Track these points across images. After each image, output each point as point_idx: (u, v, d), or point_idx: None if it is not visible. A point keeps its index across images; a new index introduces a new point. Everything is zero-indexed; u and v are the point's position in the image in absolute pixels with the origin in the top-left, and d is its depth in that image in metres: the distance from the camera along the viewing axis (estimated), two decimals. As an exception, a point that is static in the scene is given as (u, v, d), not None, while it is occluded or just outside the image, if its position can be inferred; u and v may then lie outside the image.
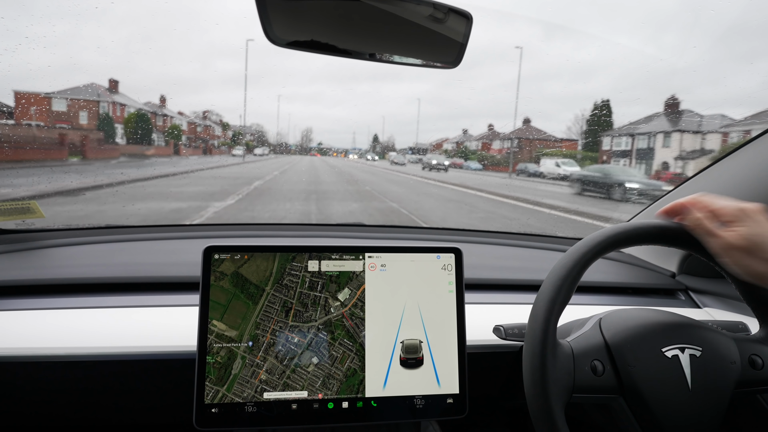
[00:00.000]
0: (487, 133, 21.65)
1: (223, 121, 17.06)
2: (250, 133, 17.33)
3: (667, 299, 1.28)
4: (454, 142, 22.68)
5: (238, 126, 17.41)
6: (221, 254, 0.84)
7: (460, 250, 0.91)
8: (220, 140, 16.69)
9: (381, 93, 62.24)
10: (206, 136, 16.32)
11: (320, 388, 0.84)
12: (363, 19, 0.66)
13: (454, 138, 23.08)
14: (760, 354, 0.76)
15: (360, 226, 1.54)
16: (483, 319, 0.99)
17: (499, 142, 20.80)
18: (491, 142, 21.16)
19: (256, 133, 17.34)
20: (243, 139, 17.11)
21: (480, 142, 21.62)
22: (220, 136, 17.29)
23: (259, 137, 17.68)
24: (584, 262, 0.72)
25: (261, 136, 17.85)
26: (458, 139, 22.51)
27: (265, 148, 17.72)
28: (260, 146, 17.75)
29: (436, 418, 0.88)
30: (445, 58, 0.74)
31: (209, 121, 16.56)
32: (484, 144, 21.44)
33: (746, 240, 0.69)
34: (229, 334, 0.82)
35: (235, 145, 16.99)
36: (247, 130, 17.30)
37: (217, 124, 16.77)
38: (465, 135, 22.36)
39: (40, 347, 0.86)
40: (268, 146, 18.13)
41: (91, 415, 1.01)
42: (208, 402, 0.80)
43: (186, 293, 1.04)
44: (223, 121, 17.06)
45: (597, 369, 0.73)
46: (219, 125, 16.89)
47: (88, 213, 5.25)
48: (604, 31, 38.41)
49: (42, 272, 1.08)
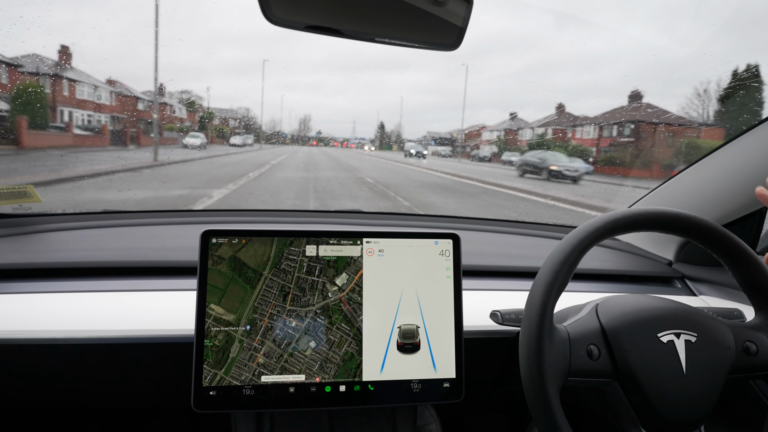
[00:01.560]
0: (552, 116, 14.26)
1: (190, 100, 12.52)
2: (235, 119, 13.55)
3: (663, 287, 1.29)
4: (498, 130, 16.11)
5: (221, 110, 13.16)
6: (219, 238, 0.84)
7: (458, 236, 0.91)
8: (177, 125, 12.33)
9: (385, 82, 61.16)
10: (149, 118, 10.74)
11: (318, 372, 0.84)
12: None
13: (495, 125, 16.36)
14: (755, 340, 0.76)
15: (358, 212, 1.54)
16: (480, 305, 1.00)
17: (583, 128, 13.14)
18: (566, 128, 14.08)
19: (242, 119, 13.40)
20: (211, 123, 12.85)
21: (543, 128, 14.63)
22: (184, 120, 12.77)
23: (245, 124, 13.98)
24: (582, 248, 0.72)
25: (248, 122, 14.16)
26: (505, 125, 15.79)
27: (249, 137, 14.01)
28: (242, 134, 13.83)
29: (433, 402, 0.89)
30: (445, 40, 0.73)
31: (170, 99, 11.93)
32: (557, 131, 14.46)
33: None
34: (226, 318, 0.83)
35: (189, 131, 11.90)
36: (228, 114, 13.39)
37: (181, 104, 12.37)
38: (514, 120, 15.44)
39: (38, 330, 0.86)
40: (254, 134, 14.41)
41: (90, 397, 1.01)
42: (206, 385, 0.81)
43: (184, 277, 1.04)
44: (190, 99, 12.56)
45: (593, 353, 0.73)
46: (183, 105, 12.42)
47: None
48: (617, 20, 37.62)
49: (39, 256, 1.08)
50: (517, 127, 15.33)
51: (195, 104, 12.87)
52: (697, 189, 1.27)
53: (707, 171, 1.24)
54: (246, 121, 14.13)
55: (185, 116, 12.88)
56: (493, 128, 16.54)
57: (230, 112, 13.19)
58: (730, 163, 1.18)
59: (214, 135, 12.82)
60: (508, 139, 16.10)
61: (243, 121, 13.88)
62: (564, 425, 0.67)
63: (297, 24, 0.63)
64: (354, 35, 0.67)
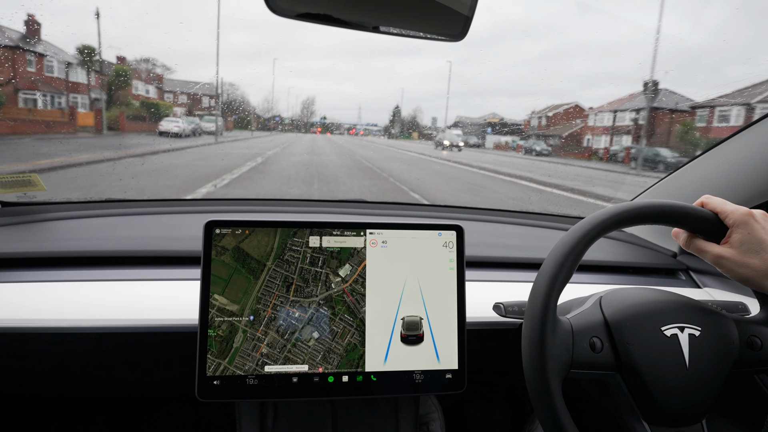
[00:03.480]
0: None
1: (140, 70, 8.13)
2: (189, 93, 8.96)
3: (668, 279, 1.29)
4: (626, 109, 9.97)
5: (183, 83, 9.35)
6: (222, 229, 0.84)
7: (461, 227, 0.91)
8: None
9: (396, 69, 59.72)
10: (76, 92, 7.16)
11: (321, 362, 0.85)
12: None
13: (613, 104, 10.63)
14: (759, 335, 0.76)
15: (361, 202, 1.53)
16: (483, 297, 1.00)
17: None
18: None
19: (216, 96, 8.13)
20: (128, 92, 8.52)
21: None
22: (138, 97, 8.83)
23: (231, 106, 9.40)
24: (587, 240, 0.72)
25: (233, 106, 9.40)
26: (637, 103, 9.82)
27: (210, 118, 8.97)
28: (204, 117, 9.26)
29: (435, 393, 0.89)
30: (450, 30, 0.72)
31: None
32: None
33: (741, 245, 0.71)
34: (230, 308, 0.83)
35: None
36: (203, 90, 8.79)
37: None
38: (655, 95, 8.66)
39: (43, 319, 0.87)
40: (221, 115, 9.17)
41: (94, 386, 1.02)
42: (209, 374, 0.81)
43: (187, 267, 1.04)
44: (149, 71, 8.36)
45: (596, 346, 0.73)
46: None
47: None
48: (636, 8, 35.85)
49: (44, 245, 1.08)
50: (669, 105, 8.83)
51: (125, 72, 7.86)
52: (705, 181, 1.26)
53: (716, 162, 1.23)
54: (233, 103, 8.93)
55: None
56: (615, 107, 9.91)
57: (193, 85, 7.73)
58: (738, 155, 1.17)
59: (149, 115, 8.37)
60: (656, 122, 9.06)
61: (231, 104, 8.94)
62: (565, 417, 0.67)
63: (300, 14, 0.62)
64: (357, 25, 0.66)
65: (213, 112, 8.90)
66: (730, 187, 1.18)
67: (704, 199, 0.77)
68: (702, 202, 0.77)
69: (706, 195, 0.78)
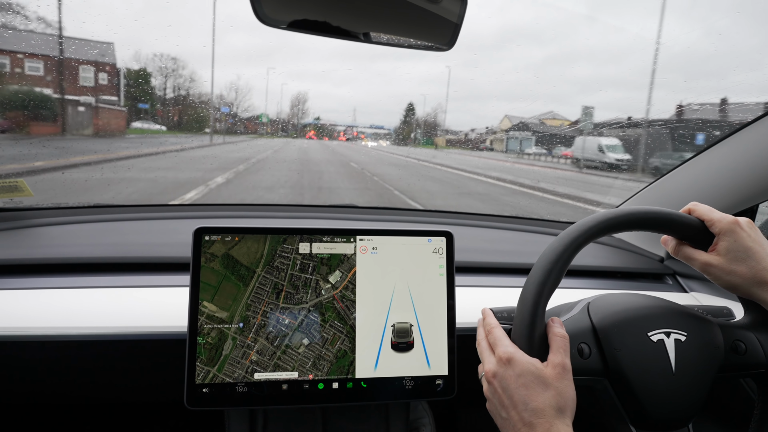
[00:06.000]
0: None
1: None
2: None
3: (655, 283, 1.30)
4: None
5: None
6: (212, 236, 0.84)
7: (451, 233, 0.91)
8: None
9: (396, 72, 59.08)
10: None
11: (311, 369, 0.84)
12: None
13: None
14: (744, 340, 0.77)
15: (352, 207, 1.53)
16: (473, 302, 1.00)
17: None
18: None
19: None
20: None
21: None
22: None
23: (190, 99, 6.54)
24: (575, 246, 0.73)
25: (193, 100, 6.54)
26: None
27: None
28: None
29: (425, 399, 0.89)
30: (440, 39, 0.73)
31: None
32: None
33: (728, 253, 0.71)
34: (219, 315, 0.83)
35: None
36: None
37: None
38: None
39: (30, 327, 0.86)
40: None
41: (82, 393, 1.01)
42: (198, 382, 0.81)
43: (176, 274, 1.03)
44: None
45: (583, 351, 0.74)
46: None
47: None
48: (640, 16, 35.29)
49: (31, 251, 1.07)
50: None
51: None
52: (692, 186, 1.28)
53: (700, 169, 1.25)
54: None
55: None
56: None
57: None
58: (722, 161, 1.19)
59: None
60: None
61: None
62: None
63: (289, 23, 0.62)
64: (347, 34, 0.66)
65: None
66: (717, 192, 1.20)
67: (691, 206, 0.78)
68: (689, 209, 0.78)
69: (693, 202, 0.79)
